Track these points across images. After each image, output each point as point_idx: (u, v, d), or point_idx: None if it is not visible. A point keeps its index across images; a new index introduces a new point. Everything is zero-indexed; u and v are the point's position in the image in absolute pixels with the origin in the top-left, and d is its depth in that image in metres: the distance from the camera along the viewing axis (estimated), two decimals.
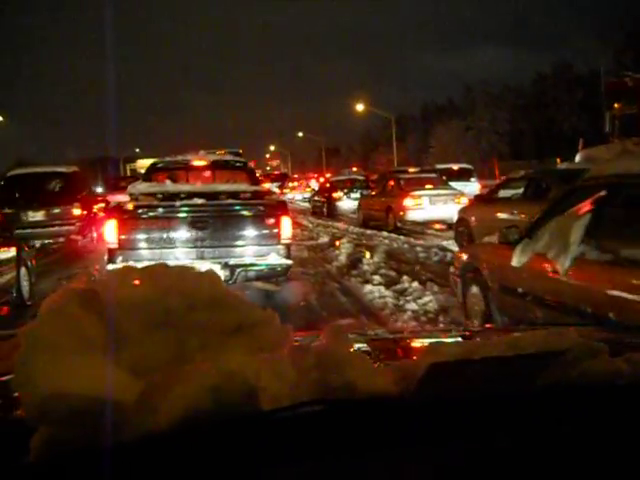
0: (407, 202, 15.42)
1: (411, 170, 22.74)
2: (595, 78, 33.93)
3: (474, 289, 4.80)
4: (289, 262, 6.49)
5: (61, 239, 13.55)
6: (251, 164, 9.09)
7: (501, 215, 9.78)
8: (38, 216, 13.02)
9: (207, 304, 0.74)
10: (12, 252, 7.37)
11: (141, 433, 0.75)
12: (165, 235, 6.32)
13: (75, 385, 0.75)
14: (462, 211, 12.29)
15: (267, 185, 13.48)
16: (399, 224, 15.71)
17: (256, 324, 0.76)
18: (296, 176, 47.75)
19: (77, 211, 13.29)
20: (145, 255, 6.27)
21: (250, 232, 6.46)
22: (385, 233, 14.25)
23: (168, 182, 7.41)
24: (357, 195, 22.11)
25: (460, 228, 11.73)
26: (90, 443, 0.74)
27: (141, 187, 7.06)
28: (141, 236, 6.34)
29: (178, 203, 6.47)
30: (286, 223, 6.50)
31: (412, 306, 6.22)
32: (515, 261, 3.90)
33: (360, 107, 41.97)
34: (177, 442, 0.75)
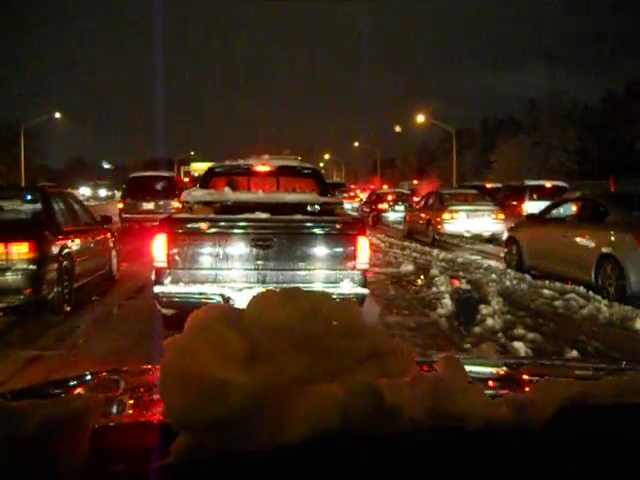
0: (445, 215, 16.41)
1: (491, 185, 23.26)
2: None
3: None
4: (365, 291, 5.63)
5: None
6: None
7: (563, 237, 9.37)
8: (150, 206, 18.72)
9: (343, 331, 0.80)
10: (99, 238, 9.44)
11: (272, 446, 0.81)
12: (222, 253, 5.51)
13: (215, 396, 0.82)
14: (512, 229, 11.95)
15: None
16: (437, 237, 16.66)
17: (386, 352, 0.82)
18: (353, 186, 47.66)
19: (176, 203, 17.67)
20: (198, 277, 5.51)
21: (321, 254, 5.58)
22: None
23: (227, 189, 6.63)
24: (401, 208, 23.75)
25: (510, 247, 11.42)
26: (226, 452, 0.81)
27: (197, 194, 6.36)
28: (194, 254, 5.52)
29: (238, 217, 5.66)
30: (364, 245, 5.59)
31: None
32: None
33: (421, 118, 41.74)
34: (305, 456, 0.81)
